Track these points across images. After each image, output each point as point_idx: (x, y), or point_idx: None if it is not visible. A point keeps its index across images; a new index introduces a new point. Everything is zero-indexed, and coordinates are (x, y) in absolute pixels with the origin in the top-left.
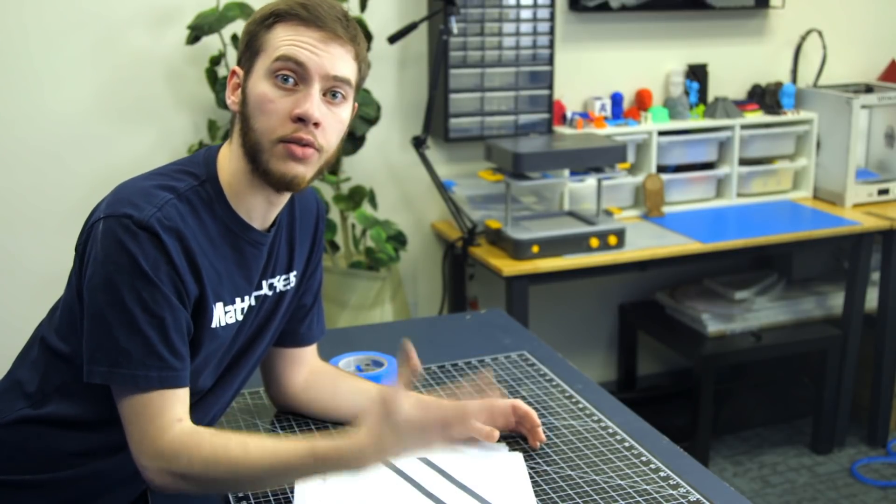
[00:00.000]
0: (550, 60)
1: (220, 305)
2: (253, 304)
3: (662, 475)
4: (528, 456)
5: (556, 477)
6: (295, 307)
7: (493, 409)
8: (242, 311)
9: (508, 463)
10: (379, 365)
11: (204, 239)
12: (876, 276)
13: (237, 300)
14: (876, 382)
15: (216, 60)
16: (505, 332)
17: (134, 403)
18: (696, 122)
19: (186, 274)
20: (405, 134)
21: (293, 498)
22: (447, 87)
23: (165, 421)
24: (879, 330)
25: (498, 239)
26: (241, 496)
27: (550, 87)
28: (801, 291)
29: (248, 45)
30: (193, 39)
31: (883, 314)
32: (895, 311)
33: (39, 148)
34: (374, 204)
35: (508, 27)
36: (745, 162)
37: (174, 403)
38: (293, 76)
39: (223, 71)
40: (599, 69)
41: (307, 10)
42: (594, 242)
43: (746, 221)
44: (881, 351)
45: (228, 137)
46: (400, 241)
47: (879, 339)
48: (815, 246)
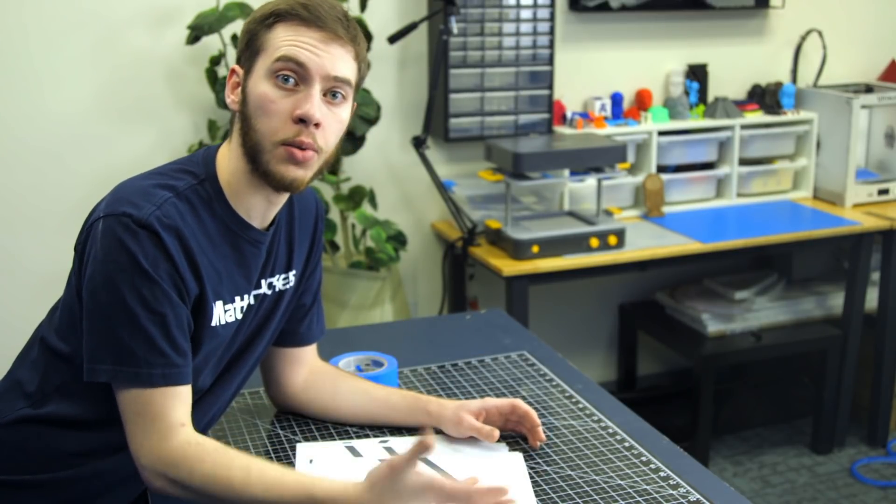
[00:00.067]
0: (550, 60)
1: (219, 304)
2: (252, 302)
3: (662, 475)
4: (528, 456)
5: (556, 477)
6: (294, 307)
7: (492, 408)
8: (242, 309)
9: (508, 463)
10: (379, 365)
11: (203, 238)
12: (876, 276)
13: (237, 299)
14: (876, 382)
15: (216, 60)
16: (505, 332)
17: (137, 401)
18: (696, 122)
19: (186, 272)
20: (405, 134)
21: None
22: (447, 87)
23: (168, 424)
24: (879, 330)
25: (498, 239)
26: None
27: (550, 87)
28: (801, 291)
29: (248, 44)
30: (193, 39)
31: (883, 314)
32: (895, 311)
33: (39, 148)
34: (374, 204)
35: (508, 27)
36: (745, 162)
37: (177, 404)
38: (294, 76)
39: (223, 71)
40: (599, 69)
41: (308, 10)
42: (594, 242)
43: (746, 221)
44: (881, 351)
45: (228, 137)
46: (400, 241)
47: (879, 339)
48: (815, 246)
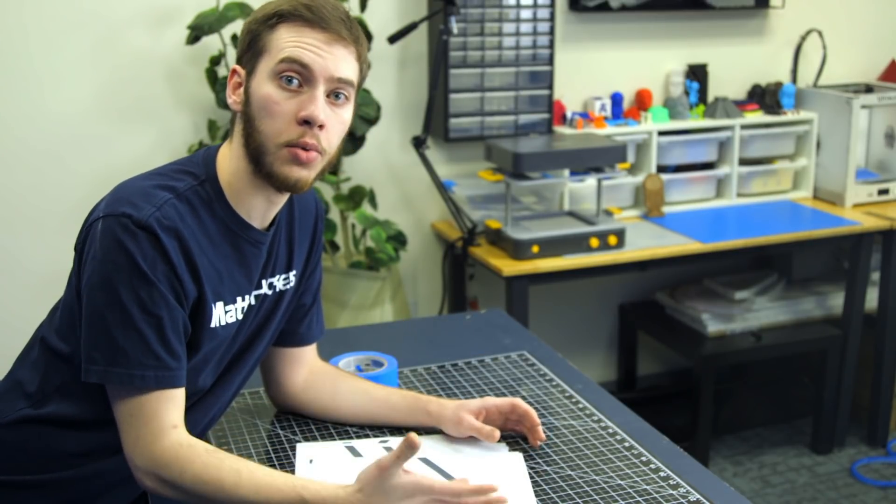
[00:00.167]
0: (550, 60)
1: (219, 305)
2: (253, 303)
3: (662, 475)
4: (528, 456)
5: (556, 477)
6: (294, 307)
7: (492, 407)
8: (242, 310)
9: (508, 463)
10: (379, 365)
11: (203, 238)
12: (876, 276)
13: (237, 299)
14: (876, 382)
15: (216, 60)
16: (505, 332)
17: (129, 403)
18: (696, 122)
19: (184, 274)
20: (405, 134)
21: None
22: (447, 87)
23: (160, 426)
24: (879, 330)
25: (498, 239)
26: None
27: (550, 87)
28: (801, 291)
29: (250, 44)
30: (193, 39)
31: (883, 314)
32: (895, 311)
33: (39, 148)
34: (374, 204)
35: (508, 27)
36: (745, 162)
37: (169, 407)
38: (298, 78)
39: (223, 71)
40: (599, 69)
41: (311, 11)
42: (594, 242)
43: (746, 221)
44: (881, 351)
45: (228, 137)
46: (400, 241)
47: (879, 339)
48: (815, 246)
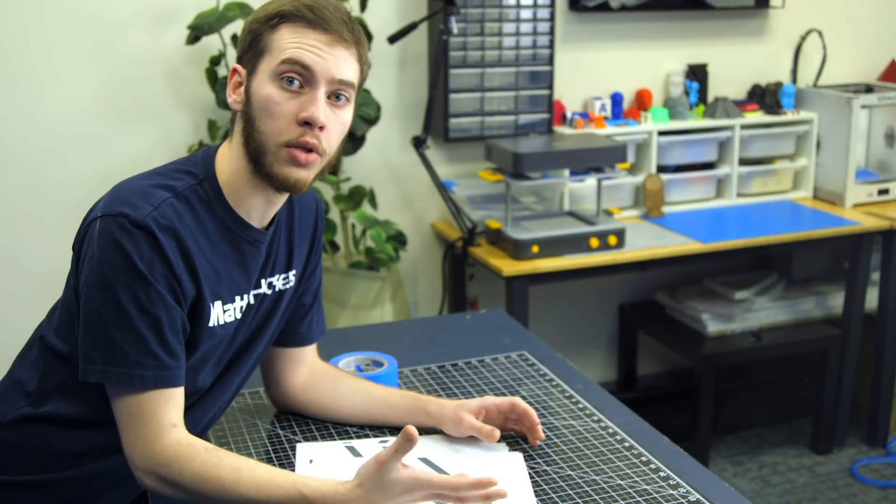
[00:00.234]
0: (550, 60)
1: (218, 304)
2: (252, 302)
3: (662, 475)
4: (528, 456)
5: (556, 477)
6: (294, 307)
7: (491, 406)
8: (241, 309)
9: (508, 463)
10: (379, 365)
11: (202, 237)
12: (876, 276)
13: (236, 298)
14: (876, 382)
15: (216, 60)
16: (505, 332)
17: (129, 403)
18: (696, 122)
19: (182, 273)
20: (405, 134)
21: None
22: (447, 87)
23: (160, 425)
24: (879, 330)
25: (498, 239)
26: None
27: (550, 87)
28: (801, 291)
29: (251, 44)
30: (193, 39)
31: (883, 314)
32: (895, 311)
33: (39, 148)
34: (374, 204)
35: (508, 27)
36: (745, 162)
37: (168, 406)
38: (299, 79)
39: (223, 71)
40: (599, 69)
41: (313, 11)
42: (594, 242)
43: (746, 221)
44: (881, 351)
45: (228, 137)
46: (400, 241)
47: (879, 339)
48: (815, 246)
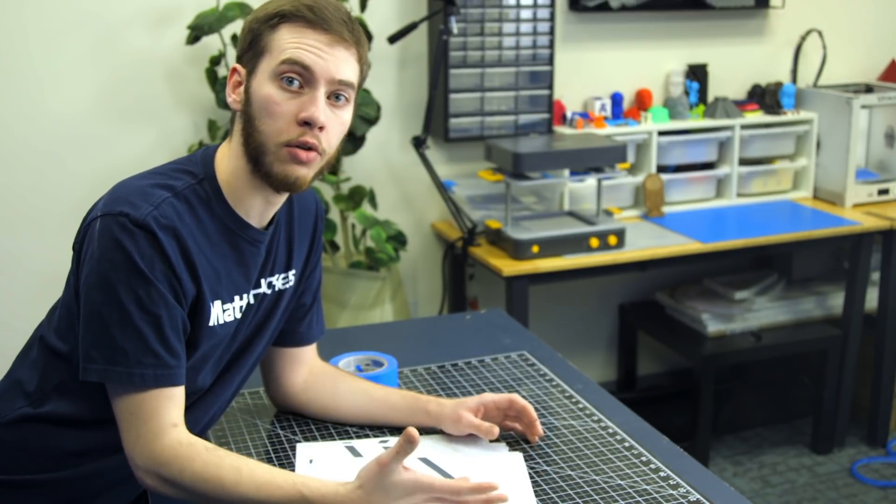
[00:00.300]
0: (550, 60)
1: (217, 303)
2: (252, 302)
3: (662, 475)
4: (528, 456)
5: (556, 477)
6: (294, 306)
7: (490, 403)
8: (241, 309)
9: (508, 463)
10: (379, 365)
11: (202, 237)
12: (876, 276)
13: (236, 298)
14: (876, 382)
15: (216, 60)
16: (505, 332)
17: (129, 402)
18: (696, 122)
19: (183, 272)
20: (405, 134)
21: None
22: (447, 87)
23: (160, 424)
24: (879, 330)
25: (498, 239)
26: None
27: (550, 87)
28: (801, 291)
29: (251, 43)
30: (193, 39)
31: (883, 314)
32: (895, 311)
33: (39, 148)
34: (374, 204)
35: (508, 27)
36: (745, 162)
37: (169, 405)
38: (299, 79)
39: (223, 71)
40: (599, 69)
41: (313, 11)
42: (594, 242)
43: (746, 221)
44: (881, 351)
45: (227, 136)
46: (400, 241)
47: (879, 339)
48: (815, 246)
